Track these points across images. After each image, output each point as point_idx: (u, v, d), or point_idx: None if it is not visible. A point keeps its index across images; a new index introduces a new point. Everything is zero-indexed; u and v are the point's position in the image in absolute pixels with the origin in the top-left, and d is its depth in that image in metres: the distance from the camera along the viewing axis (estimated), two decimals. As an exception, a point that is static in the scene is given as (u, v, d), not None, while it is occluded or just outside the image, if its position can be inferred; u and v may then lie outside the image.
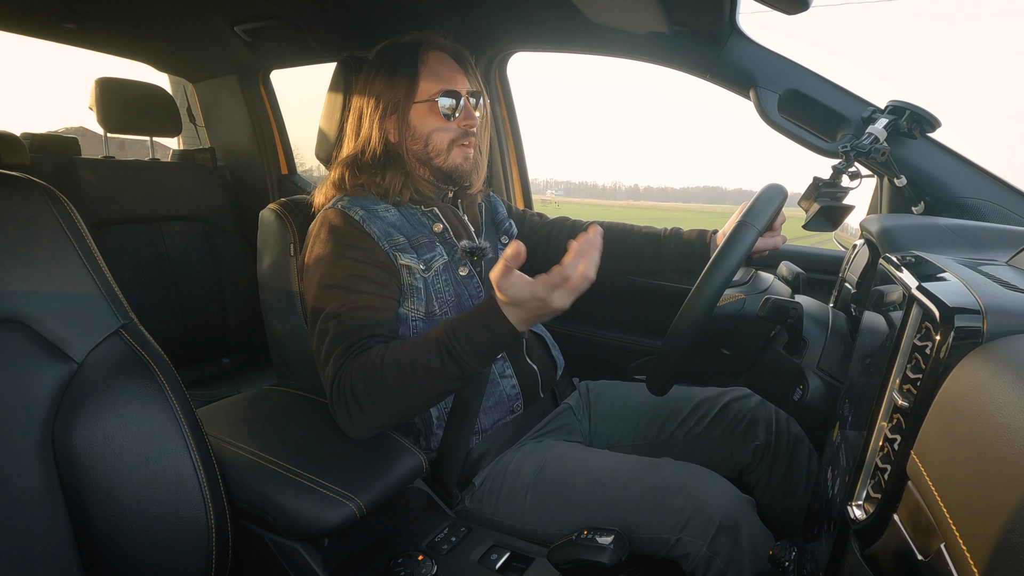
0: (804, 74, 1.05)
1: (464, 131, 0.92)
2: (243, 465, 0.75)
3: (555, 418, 1.04)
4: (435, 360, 0.73)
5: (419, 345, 0.75)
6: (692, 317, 0.72)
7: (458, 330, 0.73)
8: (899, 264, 0.59)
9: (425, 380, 0.74)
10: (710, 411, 1.01)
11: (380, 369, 0.74)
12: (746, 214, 0.76)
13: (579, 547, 0.68)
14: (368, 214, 0.88)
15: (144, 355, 0.65)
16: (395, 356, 0.75)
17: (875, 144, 0.93)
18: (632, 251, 1.09)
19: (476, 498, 0.90)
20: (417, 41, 0.92)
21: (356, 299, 0.82)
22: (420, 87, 0.90)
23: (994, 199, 0.95)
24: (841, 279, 0.95)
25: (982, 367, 0.38)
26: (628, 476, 0.84)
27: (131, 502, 0.60)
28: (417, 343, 0.75)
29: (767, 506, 0.97)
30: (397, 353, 0.75)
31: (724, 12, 1.00)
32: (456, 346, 0.73)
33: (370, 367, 0.75)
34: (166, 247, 1.74)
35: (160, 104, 1.77)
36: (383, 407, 0.76)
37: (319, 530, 0.70)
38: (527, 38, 1.35)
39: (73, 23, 1.53)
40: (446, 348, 0.73)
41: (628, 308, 1.50)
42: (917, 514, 0.39)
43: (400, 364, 0.74)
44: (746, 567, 0.75)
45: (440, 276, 0.91)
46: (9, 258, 0.60)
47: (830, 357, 0.76)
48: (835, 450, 0.64)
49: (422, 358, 0.74)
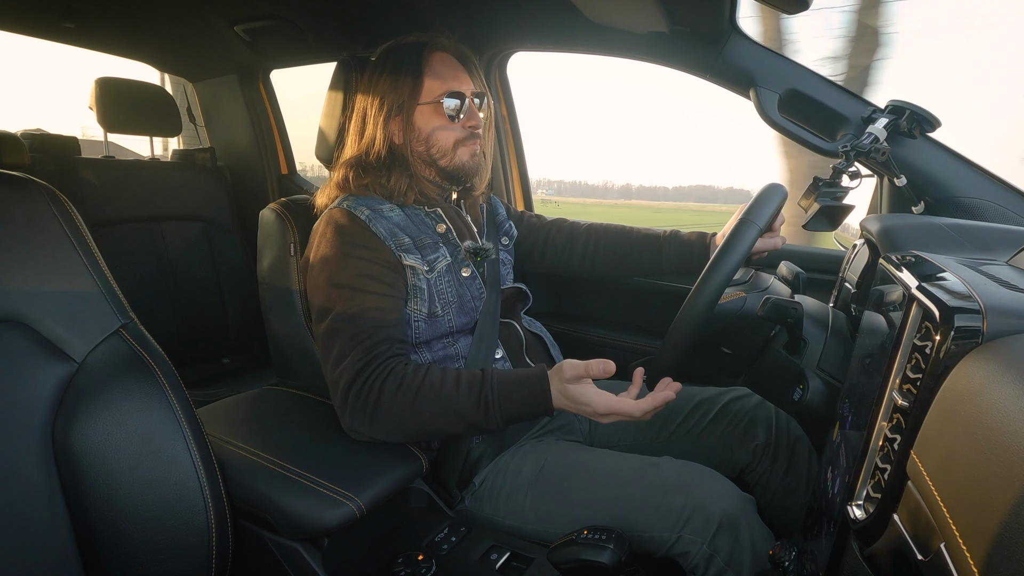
0: (804, 74, 1.05)
1: (469, 132, 0.93)
2: (243, 465, 0.76)
3: (555, 418, 1.04)
4: (469, 406, 0.77)
5: (460, 384, 0.78)
6: (694, 313, 0.72)
7: (501, 388, 0.77)
8: (899, 264, 0.59)
9: (453, 418, 0.77)
10: (710, 411, 1.01)
11: (416, 389, 0.77)
12: (747, 212, 0.76)
13: (579, 547, 0.68)
14: (374, 214, 0.88)
15: (144, 355, 0.65)
16: (432, 383, 0.78)
17: (875, 144, 0.93)
18: (631, 253, 1.09)
19: (476, 498, 0.90)
20: (422, 42, 0.92)
21: (366, 300, 0.82)
22: (425, 88, 0.90)
23: (994, 199, 0.95)
24: (841, 279, 0.95)
25: (982, 367, 0.38)
26: (628, 475, 0.84)
27: (131, 502, 0.60)
28: (458, 381, 0.78)
29: (767, 505, 0.97)
30: (435, 382, 0.78)
31: (724, 12, 1.00)
32: (492, 401, 0.77)
33: (406, 382, 0.77)
34: (166, 247, 1.74)
35: (160, 104, 1.77)
36: (401, 422, 0.78)
37: (319, 530, 0.70)
38: (527, 38, 1.35)
39: (73, 23, 1.53)
40: (484, 399, 0.77)
41: (628, 308, 1.50)
42: (917, 514, 0.39)
43: (436, 394, 0.77)
44: (746, 565, 0.75)
45: (443, 277, 0.91)
46: (9, 258, 0.60)
47: (830, 357, 0.76)
48: (835, 450, 0.64)
49: (459, 399, 0.77)
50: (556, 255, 1.13)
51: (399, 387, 0.77)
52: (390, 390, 0.77)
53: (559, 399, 0.76)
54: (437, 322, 0.90)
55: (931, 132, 0.99)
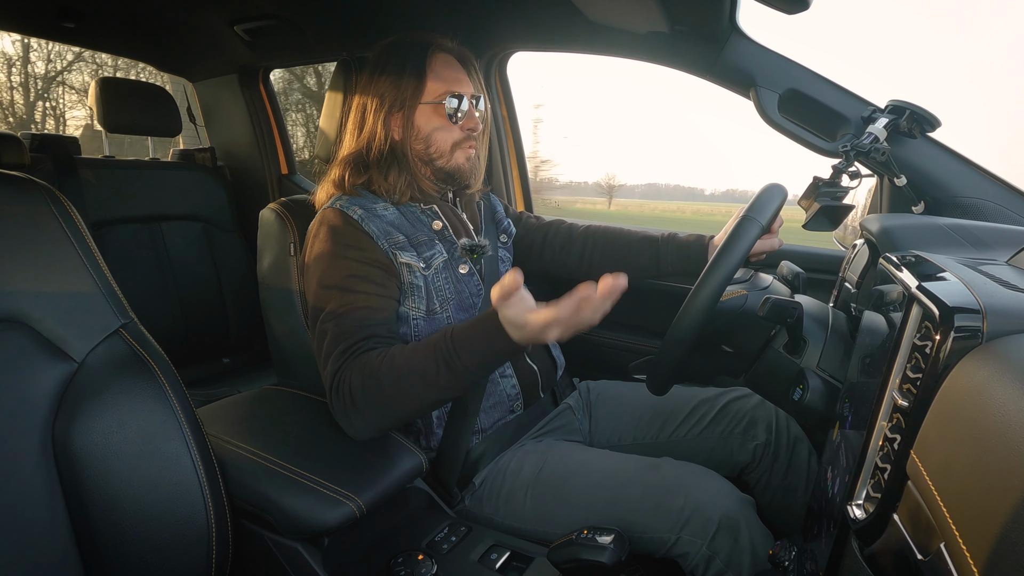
0: (804, 74, 1.05)
1: (467, 134, 0.93)
2: (243, 465, 0.76)
3: (555, 418, 1.04)
4: (431, 367, 0.74)
5: (416, 351, 0.75)
6: (696, 309, 0.72)
7: (457, 339, 0.74)
8: (899, 264, 0.59)
9: (421, 387, 0.74)
10: (710, 411, 1.01)
11: (377, 373, 0.75)
12: (749, 209, 0.76)
13: (579, 547, 0.68)
14: (366, 213, 0.88)
15: (144, 355, 0.65)
16: (393, 361, 0.75)
17: (875, 144, 0.93)
18: (629, 255, 1.09)
19: (476, 498, 0.90)
20: (426, 42, 0.92)
21: (354, 299, 0.82)
22: (427, 88, 0.90)
23: (994, 199, 0.95)
24: (841, 279, 0.95)
25: (982, 367, 0.38)
26: (628, 476, 0.84)
27: (131, 502, 0.60)
28: (415, 348, 0.76)
29: (767, 506, 0.97)
30: (395, 358, 0.75)
31: (724, 12, 1.00)
32: (453, 355, 0.73)
33: (368, 371, 0.75)
34: (166, 247, 1.74)
35: (160, 104, 1.77)
36: (380, 412, 0.77)
37: (319, 530, 0.70)
38: (527, 38, 1.35)
39: (73, 23, 1.53)
40: (443, 356, 0.73)
41: (628, 308, 1.49)
42: (917, 514, 0.39)
43: (397, 369, 0.74)
44: (746, 566, 0.75)
45: (440, 274, 0.91)
46: (9, 258, 0.60)
47: (830, 357, 0.76)
48: (835, 450, 0.64)
49: (419, 365, 0.74)
50: (553, 256, 1.13)
51: (364, 377, 0.75)
52: (357, 380, 0.76)
53: (511, 329, 0.70)
54: (436, 319, 0.90)
55: (931, 132, 0.99)
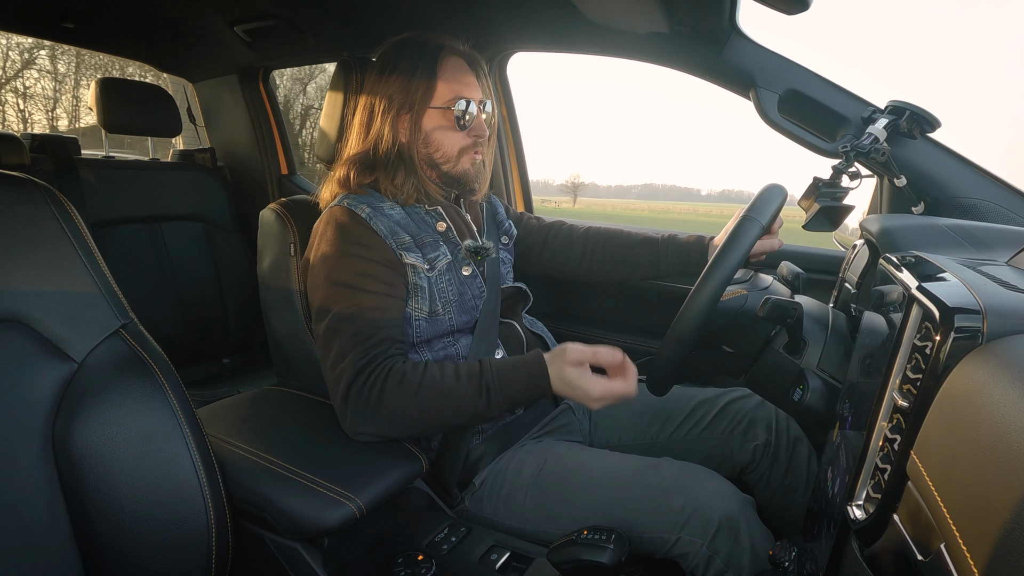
0: (804, 74, 1.05)
1: (474, 140, 0.93)
2: (243, 465, 0.76)
3: (555, 418, 1.04)
4: (471, 393, 0.78)
5: (459, 375, 0.79)
6: (697, 308, 0.72)
7: (501, 373, 0.79)
8: (899, 264, 0.59)
9: (454, 409, 0.79)
10: (710, 411, 1.01)
11: (417, 389, 0.78)
12: (749, 209, 0.76)
13: (579, 547, 0.68)
14: (374, 211, 0.88)
15: (144, 355, 0.65)
16: (433, 378, 0.79)
17: (875, 144, 0.93)
18: (629, 256, 1.09)
19: (476, 498, 0.90)
20: (437, 44, 0.92)
21: (366, 299, 0.82)
22: (437, 91, 0.90)
23: (994, 199, 0.95)
24: (841, 279, 0.95)
25: (982, 367, 0.38)
26: (628, 476, 0.84)
27: (131, 502, 0.60)
28: (457, 372, 0.80)
29: (767, 506, 0.97)
30: (435, 376, 0.79)
31: (724, 12, 1.00)
32: (496, 388, 0.78)
33: (407, 383, 0.78)
34: (166, 247, 1.74)
35: (160, 104, 1.77)
36: (401, 420, 0.79)
37: (319, 530, 0.70)
38: (527, 38, 1.35)
39: (73, 23, 1.53)
40: (486, 386, 0.78)
41: (628, 308, 1.50)
42: (917, 514, 0.39)
43: (438, 387, 0.78)
44: (746, 566, 0.75)
45: (444, 276, 0.91)
46: (9, 258, 0.60)
47: (830, 357, 0.76)
48: (835, 450, 0.64)
49: (463, 389, 0.78)
50: (554, 257, 1.13)
51: (400, 384, 0.78)
52: (391, 387, 0.77)
53: (556, 382, 0.78)
54: (438, 321, 0.90)
55: (931, 132, 0.99)
